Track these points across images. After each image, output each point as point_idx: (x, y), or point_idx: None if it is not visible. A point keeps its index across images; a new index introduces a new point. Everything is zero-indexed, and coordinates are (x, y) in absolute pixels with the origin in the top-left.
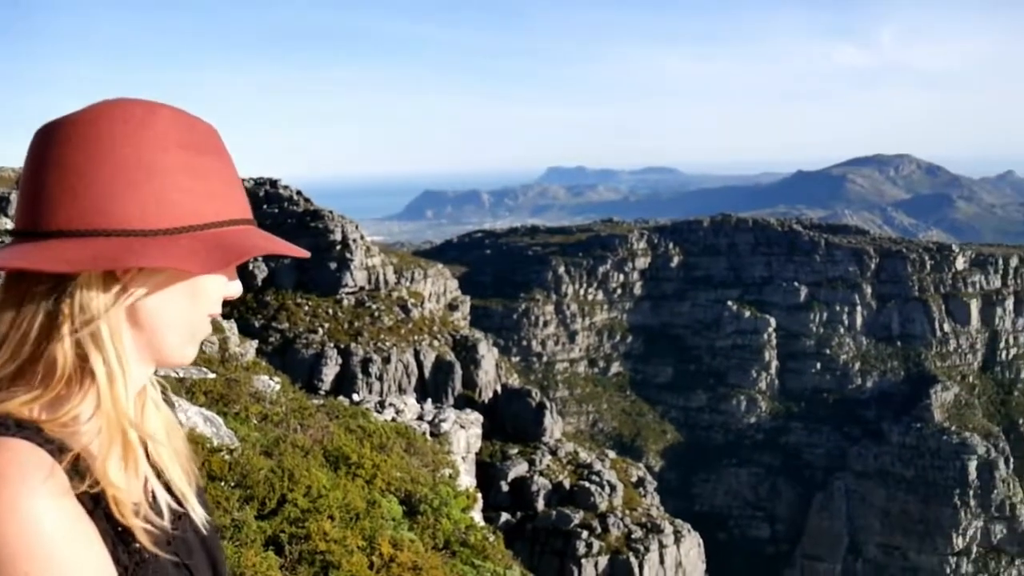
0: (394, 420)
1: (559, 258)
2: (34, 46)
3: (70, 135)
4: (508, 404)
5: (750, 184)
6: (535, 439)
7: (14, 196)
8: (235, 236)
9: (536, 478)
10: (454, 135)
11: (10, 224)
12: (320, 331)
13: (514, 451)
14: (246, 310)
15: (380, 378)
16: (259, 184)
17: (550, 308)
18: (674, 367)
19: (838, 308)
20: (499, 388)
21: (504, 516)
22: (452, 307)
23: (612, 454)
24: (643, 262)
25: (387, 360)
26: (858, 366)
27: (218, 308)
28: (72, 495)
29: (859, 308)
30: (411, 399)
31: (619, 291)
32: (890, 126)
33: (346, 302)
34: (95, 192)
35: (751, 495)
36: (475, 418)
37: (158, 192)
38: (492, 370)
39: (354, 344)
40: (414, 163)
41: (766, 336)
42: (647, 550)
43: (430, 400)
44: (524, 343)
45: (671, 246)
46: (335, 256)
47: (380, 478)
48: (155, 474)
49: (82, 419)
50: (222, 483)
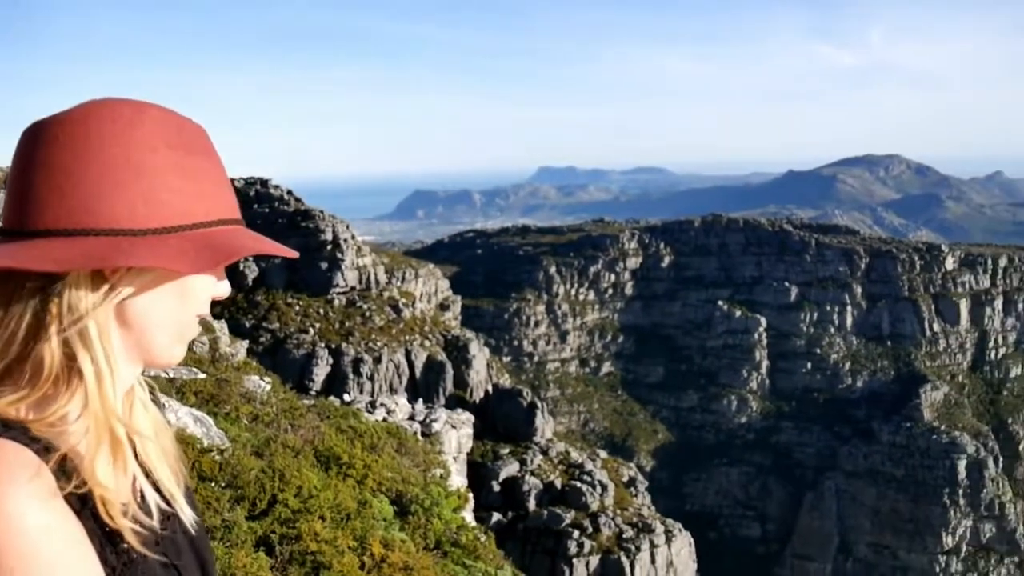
0: (385, 420)
1: (550, 258)
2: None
3: (57, 135)
4: (499, 404)
5: (740, 184)
6: (526, 439)
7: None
8: (224, 236)
9: (527, 478)
10: (445, 135)
11: None
12: (311, 331)
13: (505, 451)
14: (237, 310)
15: (371, 378)
16: (249, 184)
17: (541, 308)
18: (665, 367)
19: (828, 308)
20: (490, 388)
21: (495, 516)
22: (443, 307)
23: (603, 454)
24: (634, 262)
25: (378, 360)
26: (848, 366)
27: (207, 308)
28: (59, 495)
29: (849, 308)
30: (402, 399)
31: (610, 291)
32: (880, 126)
33: (337, 302)
34: (83, 191)
35: (742, 494)
36: (466, 418)
37: (147, 192)
38: (483, 370)
39: (345, 344)
40: (405, 163)
41: (757, 336)
42: (638, 550)
43: (421, 400)
44: (515, 343)
45: (662, 246)
46: (326, 256)
47: (371, 478)
48: (143, 474)
49: (70, 419)
50: (212, 483)
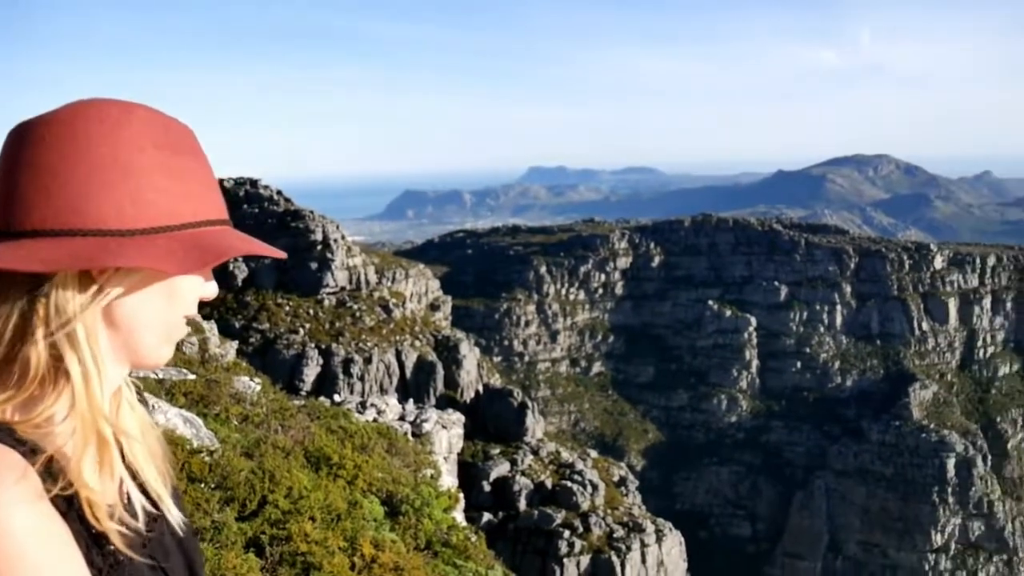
0: (375, 420)
1: (540, 258)
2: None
3: (44, 135)
4: (490, 404)
5: (730, 184)
6: (517, 439)
7: None
8: (212, 237)
9: (518, 478)
10: (435, 135)
11: None
12: (301, 331)
13: (496, 451)
14: (226, 310)
15: (361, 378)
16: (239, 184)
17: (532, 308)
18: (655, 366)
19: (818, 307)
20: (481, 388)
21: (486, 516)
22: (434, 307)
23: (594, 453)
24: (624, 262)
25: (368, 360)
26: (838, 365)
27: (194, 309)
28: (46, 498)
29: (839, 307)
30: (392, 399)
31: (600, 291)
32: (869, 126)
33: (327, 302)
34: (70, 192)
35: (732, 494)
36: (457, 418)
37: (134, 192)
38: (474, 370)
39: (335, 344)
40: (395, 163)
41: (747, 335)
42: (629, 549)
43: (412, 400)
44: (506, 343)
45: (652, 246)
46: (316, 256)
47: (361, 479)
48: (130, 475)
49: (56, 420)
50: (202, 485)
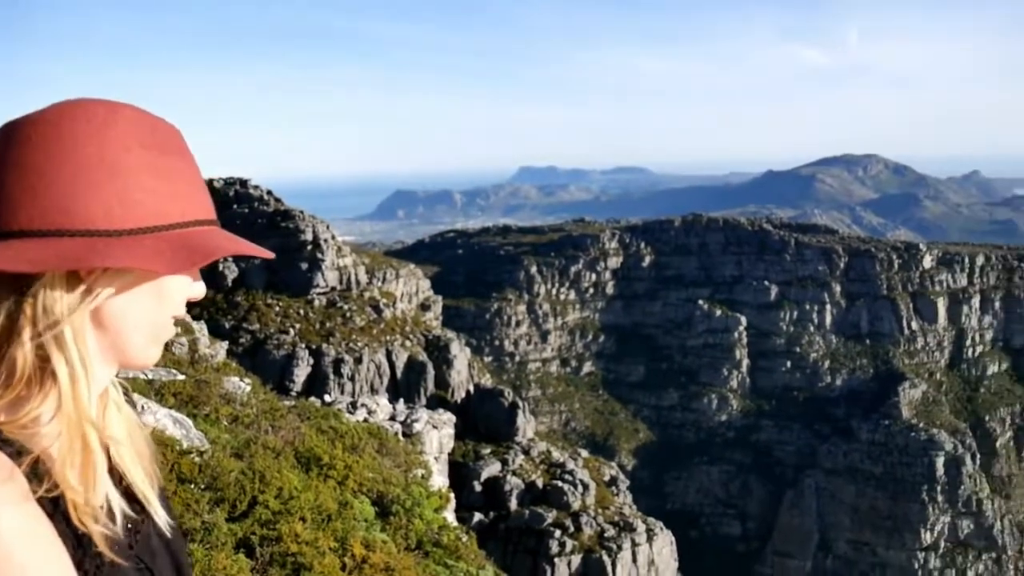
0: (366, 421)
1: (531, 258)
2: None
3: (30, 135)
4: (481, 404)
5: (720, 184)
6: (508, 439)
7: None
8: (200, 237)
9: (509, 478)
10: (425, 135)
11: None
12: (291, 332)
13: (487, 451)
14: (216, 311)
15: (352, 379)
16: (229, 184)
17: (522, 308)
18: (646, 366)
19: (808, 307)
20: (471, 388)
21: (477, 516)
22: (424, 307)
23: (585, 453)
24: (615, 262)
25: (359, 360)
26: (827, 364)
27: (182, 309)
28: (32, 498)
29: (828, 307)
30: (383, 400)
31: (591, 291)
32: (858, 126)
33: (317, 302)
34: (56, 191)
35: (722, 493)
36: (447, 418)
37: (121, 192)
38: (464, 370)
39: (326, 345)
40: (385, 163)
41: (737, 335)
42: (620, 549)
43: (402, 400)
44: (496, 343)
45: (642, 246)
46: (306, 256)
47: (352, 479)
48: (118, 477)
49: (42, 421)
50: (192, 485)
